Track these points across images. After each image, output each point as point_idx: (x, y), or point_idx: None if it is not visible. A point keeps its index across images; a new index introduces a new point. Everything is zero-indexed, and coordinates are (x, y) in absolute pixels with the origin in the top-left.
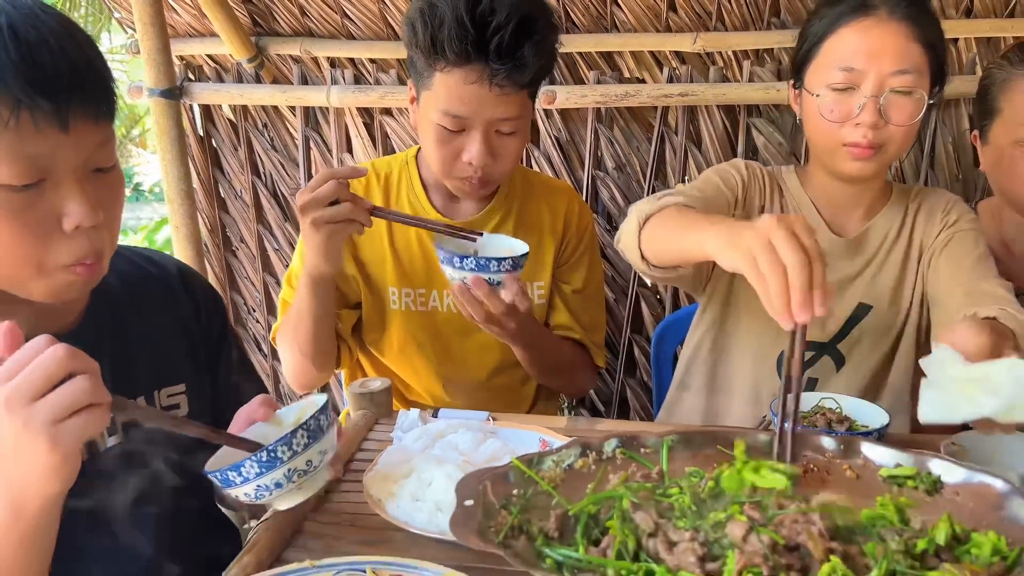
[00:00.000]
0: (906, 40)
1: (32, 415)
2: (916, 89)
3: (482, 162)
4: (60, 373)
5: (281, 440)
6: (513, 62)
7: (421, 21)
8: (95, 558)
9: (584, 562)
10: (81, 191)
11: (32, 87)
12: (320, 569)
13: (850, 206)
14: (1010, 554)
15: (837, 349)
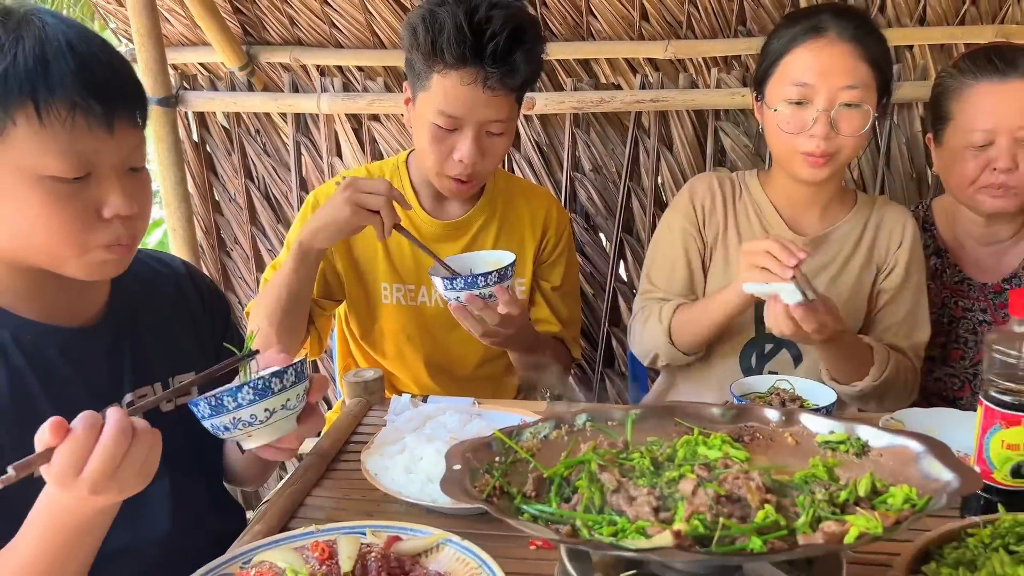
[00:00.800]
0: (853, 59)
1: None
2: (863, 103)
3: (472, 160)
4: (126, 447)
5: (275, 373)
6: (506, 67)
7: (423, 26)
8: (114, 531)
9: (557, 515)
10: (120, 186)
11: (87, 91)
12: (325, 532)
13: (808, 206)
14: (919, 502)
15: (795, 343)
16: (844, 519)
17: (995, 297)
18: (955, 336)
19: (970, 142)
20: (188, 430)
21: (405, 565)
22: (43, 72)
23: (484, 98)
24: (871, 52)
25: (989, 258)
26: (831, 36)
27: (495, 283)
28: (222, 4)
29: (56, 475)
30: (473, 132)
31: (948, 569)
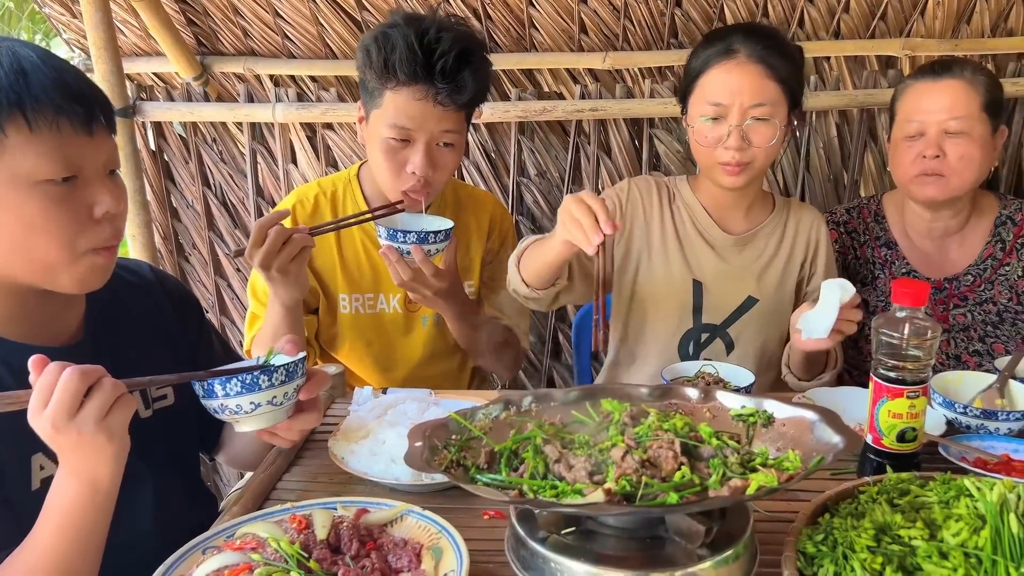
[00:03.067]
0: (761, 78)
1: (82, 424)
2: (772, 117)
3: (424, 172)
4: (83, 387)
5: (264, 369)
6: (454, 83)
7: (375, 46)
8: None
9: (507, 482)
10: (105, 186)
11: (67, 97)
12: (300, 508)
13: (733, 208)
14: (812, 463)
15: (727, 333)
16: (747, 476)
17: (936, 292)
18: None
19: (905, 133)
20: (166, 433)
21: (373, 532)
22: (25, 83)
23: (434, 112)
24: (778, 71)
25: (934, 253)
26: (741, 58)
27: (412, 243)
28: (176, 16)
29: (31, 407)
30: (424, 145)
31: (839, 519)
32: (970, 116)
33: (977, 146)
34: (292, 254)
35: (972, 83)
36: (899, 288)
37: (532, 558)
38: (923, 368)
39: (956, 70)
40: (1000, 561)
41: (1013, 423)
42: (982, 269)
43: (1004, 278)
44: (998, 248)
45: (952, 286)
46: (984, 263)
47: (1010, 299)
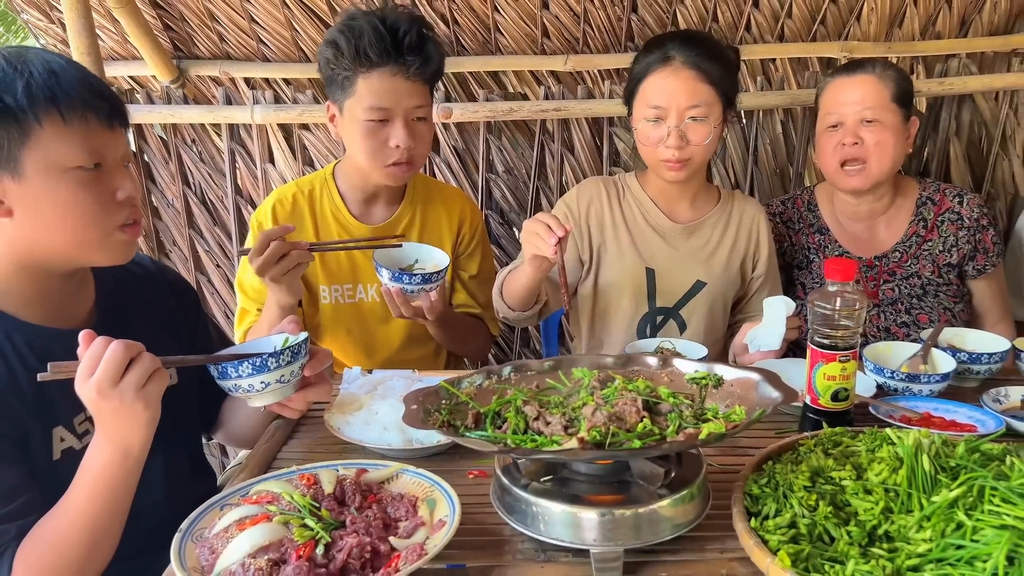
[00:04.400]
0: (696, 82)
1: (123, 392)
2: (707, 118)
3: (407, 143)
4: (126, 359)
5: (272, 354)
6: (421, 56)
7: (343, 37)
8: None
9: (492, 438)
10: (124, 172)
11: (93, 94)
12: (306, 469)
13: (679, 199)
14: (756, 414)
15: (680, 315)
16: (699, 426)
17: (867, 270)
18: None
19: (826, 124)
20: (174, 411)
21: (373, 488)
22: (57, 81)
23: (407, 87)
24: (711, 75)
25: (863, 234)
26: (677, 64)
27: (418, 284)
28: (153, 22)
29: (78, 375)
30: (402, 120)
31: (781, 466)
32: (882, 106)
33: (890, 133)
34: (287, 268)
35: (882, 77)
36: (830, 266)
37: (516, 503)
38: (852, 335)
39: (868, 67)
40: (914, 493)
41: (934, 385)
42: (908, 246)
43: (927, 253)
44: (921, 226)
45: (882, 263)
46: (909, 240)
47: (932, 272)
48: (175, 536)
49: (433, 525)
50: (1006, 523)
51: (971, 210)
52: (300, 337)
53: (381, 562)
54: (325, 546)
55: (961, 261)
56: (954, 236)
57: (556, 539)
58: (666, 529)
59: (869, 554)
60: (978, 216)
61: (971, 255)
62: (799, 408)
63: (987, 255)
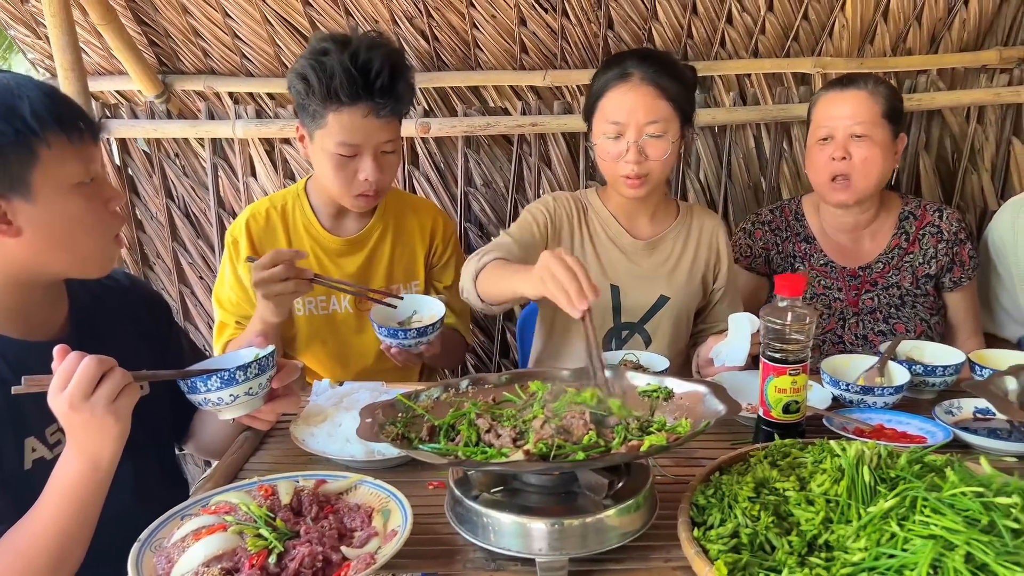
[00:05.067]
0: (654, 98)
1: (94, 405)
2: (665, 133)
3: (375, 177)
4: (98, 373)
5: (239, 367)
6: (392, 97)
7: (314, 74)
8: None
9: (444, 450)
10: (110, 183)
11: (81, 115)
12: (267, 480)
13: (639, 215)
14: (700, 426)
15: (644, 329)
16: (643, 438)
17: (851, 280)
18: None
19: (817, 137)
20: (145, 422)
21: (331, 499)
22: (54, 103)
23: (377, 125)
24: (669, 91)
25: (849, 245)
26: (635, 80)
27: (414, 338)
28: (138, 38)
29: (51, 388)
30: (371, 155)
31: (728, 477)
32: (872, 122)
33: (879, 149)
34: (284, 291)
35: (874, 94)
36: (780, 281)
37: (467, 513)
38: (803, 349)
39: (860, 82)
40: (853, 504)
41: (888, 397)
42: (890, 257)
43: (909, 264)
44: (903, 239)
45: (864, 273)
46: (892, 252)
47: (911, 283)
48: (134, 545)
49: (386, 535)
50: (934, 533)
51: (950, 224)
52: (267, 350)
53: (332, 571)
54: (278, 555)
55: (939, 272)
56: (934, 248)
57: (504, 549)
58: (612, 538)
59: (807, 563)
60: (957, 230)
61: (948, 267)
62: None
63: (963, 268)
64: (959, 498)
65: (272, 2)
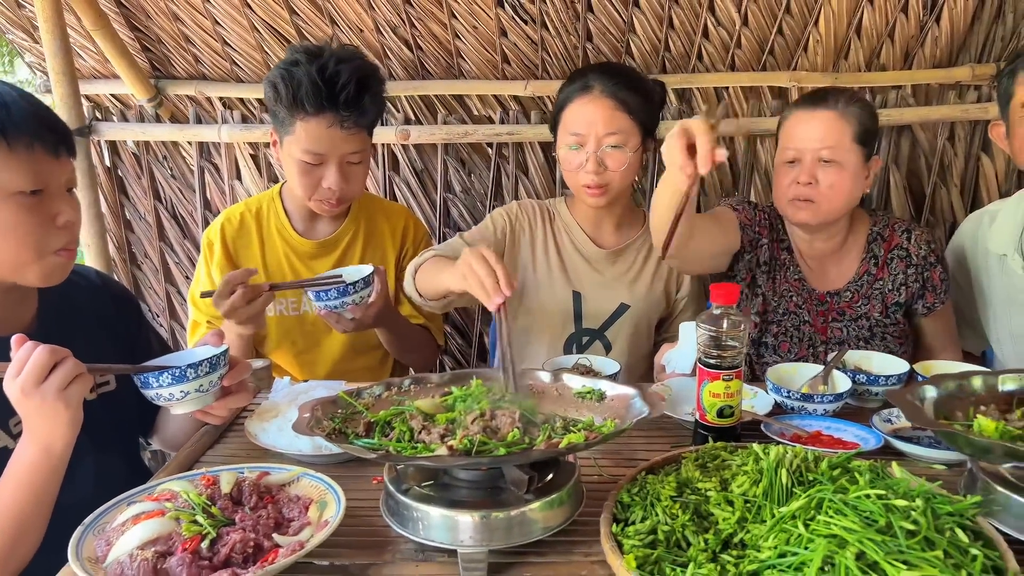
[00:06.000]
0: (613, 111)
1: (45, 392)
2: (624, 145)
3: (339, 187)
4: (51, 362)
5: (190, 365)
6: (357, 110)
7: (283, 84)
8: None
9: (377, 445)
10: (65, 199)
11: (41, 126)
12: (213, 471)
13: (604, 224)
14: (624, 426)
15: (605, 336)
16: (565, 437)
17: (819, 305)
18: (784, 328)
19: (784, 159)
20: (108, 415)
21: (272, 490)
22: (7, 113)
23: (342, 136)
24: (629, 105)
25: (817, 268)
26: (596, 93)
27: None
28: (131, 43)
29: (7, 375)
30: (336, 164)
31: (654, 477)
32: (841, 146)
33: (848, 175)
34: (255, 311)
35: (844, 115)
36: (715, 290)
37: (397, 506)
38: (737, 355)
39: (831, 101)
40: (767, 504)
41: (828, 405)
42: (859, 286)
43: (878, 292)
44: (872, 264)
45: (833, 301)
46: (861, 280)
47: (880, 312)
48: (78, 528)
49: (318, 525)
50: (833, 532)
51: (919, 247)
52: (219, 350)
53: (262, 556)
54: (211, 541)
55: (909, 300)
56: (903, 274)
57: (432, 540)
58: (535, 531)
59: (719, 560)
60: (926, 253)
61: (920, 293)
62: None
63: (936, 292)
64: (862, 500)
65: (259, 11)
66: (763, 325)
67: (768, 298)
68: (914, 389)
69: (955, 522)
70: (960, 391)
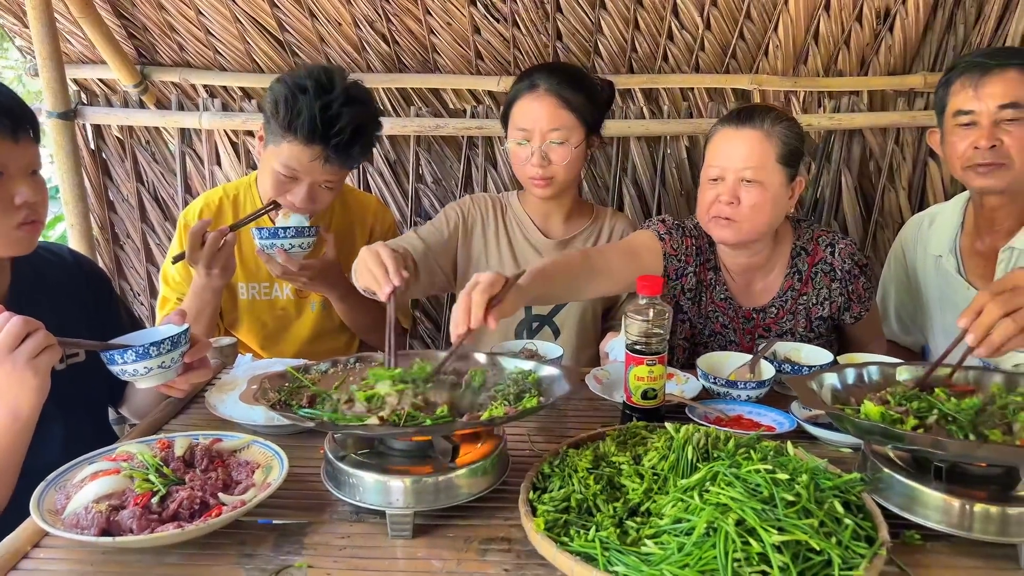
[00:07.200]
0: (556, 108)
1: (15, 359)
2: (567, 140)
3: (304, 205)
4: (23, 332)
5: (153, 343)
6: (345, 154)
7: (284, 105)
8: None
9: (315, 415)
10: (26, 182)
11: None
12: (169, 436)
13: (553, 215)
14: (547, 404)
15: (554, 322)
16: (487, 411)
17: (745, 323)
18: (711, 350)
19: (708, 176)
20: (77, 384)
21: (223, 455)
22: None
23: (322, 167)
24: (572, 102)
25: (743, 284)
26: (540, 91)
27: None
28: (117, 30)
29: None
30: (308, 186)
31: (574, 451)
32: (764, 167)
33: (770, 196)
34: (227, 254)
35: (769, 135)
36: (640, 281)
37: (335, 472)
38: (661, 342)
39: (758, 120)
40: (671, 477)
41: (751, 391)
42: (784, 301)
43: (803, 307)
44: (796, 279)
45: (759, 317)
46: (786, 295)
47: (805, 327)
48: (41, 483)
49: (261, 487)
50: (721, 501)
51: (842, 261)
52: (181, 328)
53: (207, 512)
54: (161, 497)
55: (834, 313)
56: (827, 288)
57: (363, 503)
58: (460, 495)
59: (624, 525)
60: (849, 267)
61: (845, 306)
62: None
63: (861, 302)
64: (751, 474)
65: (241, 2)
66: (691, 348)
67: (694, 322)
68: (816, 377)
69: (837, 497)
70: (859, 380)
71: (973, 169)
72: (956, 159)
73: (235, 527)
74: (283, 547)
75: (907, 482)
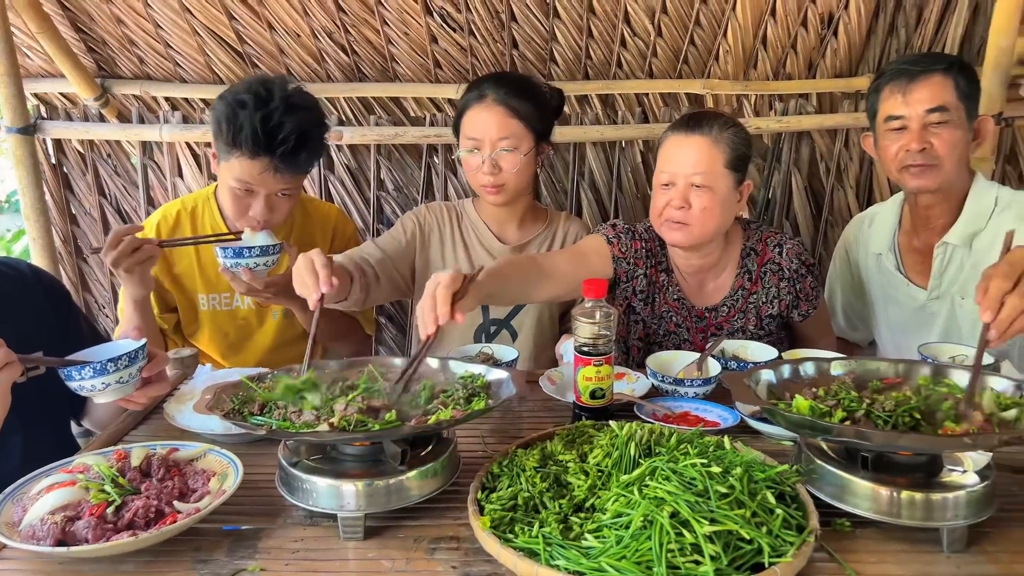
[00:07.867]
0: (505, 117)
1: None
2: (516, 148)
3: (264, 217)
4: None
5: (110, 359)
6: (292, 161)
7: (226, 122)
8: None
9: (265, 423)
10: None
11: None
12: (127, 447)
13: (507, 222)
14: (496, 406)
15: (511, 325)
16: (434, 415)
17: (697, 321)
18: (666, 349)
19: (659, 181)
20: (40, 395)
21: (180, 464)
22: None
23: (273, 177)
24: (519, 111)
25: (695, 284)
26: (489, 101)
27: (230, 257)
28: (76, 44)
29: None
30: (264, 198)
31: (523, 451)
32: (713, 172)
33: (719, 200)
34: (139, 260)
35: (717, 141)
36: (586, 284)
37: (288, 478)
38: (607, 343)
39: (706, 126)
40: (614, 473)
41: (698, 388)
42: (735, 300)
43: (753, 305)
44: (746, 279)
45: (711, 316)
46: (736, 294)
47: (756, 325)
48: None
49: (216, 494)
50: (658, 495)
51: (790, 261)
52: (138, 344)
53: (162, 520)
54: (117, 507)
55: (783, 311)
56: (776, 288)
57: (316, 507)
58: (411, 497)
59: (569, 521)
60: (797, 267)
61: (794, 304)
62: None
63: (808, 300)
64: (687, 468)
65: (200, 15)
66: (646, 348)
67: (648, 323)
68: (752, 373)
69: (770, 488)
70: (795, 375)
71: (907, 170)
72: (890, 161)
73: (190, 534)
74: (237, 552)
75: (838, 472)
